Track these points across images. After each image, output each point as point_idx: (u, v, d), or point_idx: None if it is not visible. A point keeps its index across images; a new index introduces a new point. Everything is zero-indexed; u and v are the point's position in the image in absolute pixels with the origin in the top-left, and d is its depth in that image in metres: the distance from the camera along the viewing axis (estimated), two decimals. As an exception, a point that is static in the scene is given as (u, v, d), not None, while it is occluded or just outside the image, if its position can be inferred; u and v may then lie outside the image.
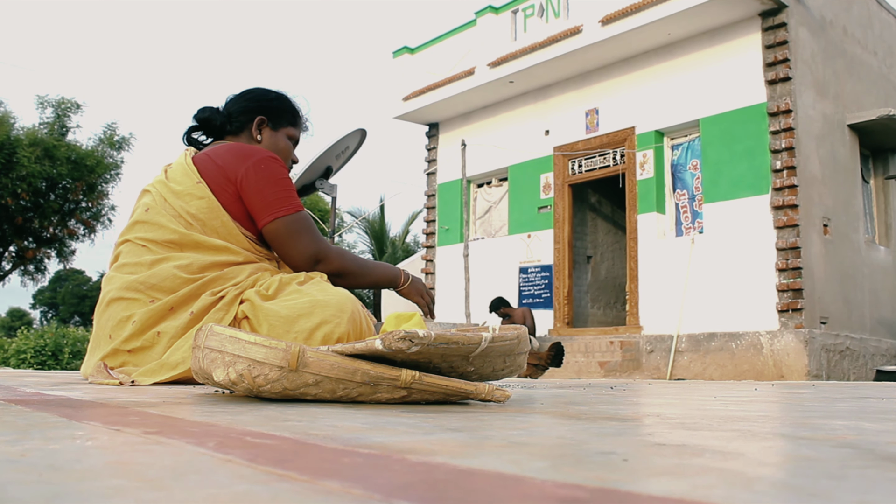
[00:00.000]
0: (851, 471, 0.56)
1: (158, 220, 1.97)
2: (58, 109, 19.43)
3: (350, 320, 1.79)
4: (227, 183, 1.98)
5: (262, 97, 2.23)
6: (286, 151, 2.23)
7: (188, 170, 2.01)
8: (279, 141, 2.21)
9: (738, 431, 0.88)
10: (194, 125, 2.22)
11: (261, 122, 2.19)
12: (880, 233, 10.05)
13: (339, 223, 18.24)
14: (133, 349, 1.86)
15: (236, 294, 1.87)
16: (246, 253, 1.99)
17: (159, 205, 2.00)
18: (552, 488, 0.46)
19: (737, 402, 1.65)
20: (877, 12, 10.35)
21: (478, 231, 11.76)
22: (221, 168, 1.99)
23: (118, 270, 1.98)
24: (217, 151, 2.04)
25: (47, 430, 0.76)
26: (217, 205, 1.97)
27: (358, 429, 0.81)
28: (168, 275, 1.88)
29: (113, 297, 1.92)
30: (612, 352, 8.91)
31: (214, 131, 2.21)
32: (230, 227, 1.97)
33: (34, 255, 20.33)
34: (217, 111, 2.21)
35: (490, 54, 10.66)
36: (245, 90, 2.28)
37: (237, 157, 2.00)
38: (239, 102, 2.22)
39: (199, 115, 2.20)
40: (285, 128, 2.24)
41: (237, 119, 2.19)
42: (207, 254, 1.94)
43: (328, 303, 1.80)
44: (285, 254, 2.01)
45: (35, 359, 13.17)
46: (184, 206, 1.97)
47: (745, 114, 8.52)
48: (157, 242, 1.96)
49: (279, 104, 2.24)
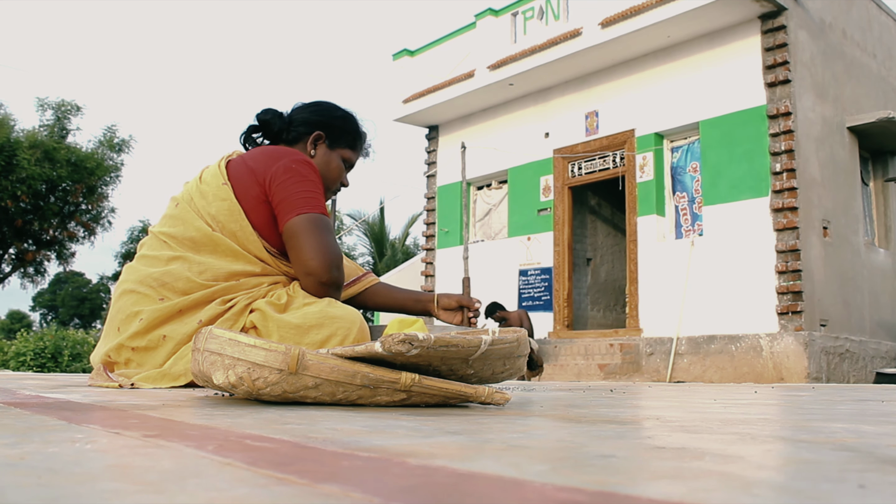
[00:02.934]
0: (851, 474, 0.56)
1: (183, 216, 1.97)
2: (58, 112, 19.45)
3: (360, 331, 1.80)
4: (254, 184, 1.94)
5: (327, 112, 2.18)
6: (336, 171, 2.16)
7: (217, 172, 1.99)
8: (332, 160, 2.15)
9: (738, 434, 0.88)
10: (254, 125, 2.17)
11: (318, 137, 2.13)
12: (880, 235, 10.05)
13: (338, 226, 18.24)
14: (137, 347, 1.86)
15: (246, 304, 1.86)
16: (263, 265, 1.94)
17: (186, 202, 2.00)
18: (552, 492, 0.46)
19: (736, 405, 1.65)
20: (876, 15, 10.37)
21: (478, 233, 11.77)
22: (252, 170, 1.95)
23: (137, 262, 2.00)
24: (252, 154, 2.02)
25: (46, 433, 0.76)
26: (238, 208, 1.93)
27: (357, 432, 0.81)
28: (181, 276, 1.87)
29: (126, 289, 1.93)
30: (611, 354, 8.91)
31: (271, 136, 2.16)
32: (248, 233, 1.93)
33: (34, 258, 20.34)
34: (279, 116, 2.16)
35: (490, 57, 10.67)
36: (314, 101, 2.23)
37: (269, 158, 1.96)
38: (303, 112, 2.17)
39: (260, 115, 2.16)
40: (342, 149, 2.17)
41: (296, 128, 2.14)
42: (223, 259, 1.91)
43: (338, 315, 1.80)
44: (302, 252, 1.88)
45: (34, 361, 13.16)
46: (206, 206, 1.95)
47: (744, 116, 8.53)
48: (177, 239, 1.95)
49: (342, 123, 2.18)
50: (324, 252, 1.88)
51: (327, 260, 1.88)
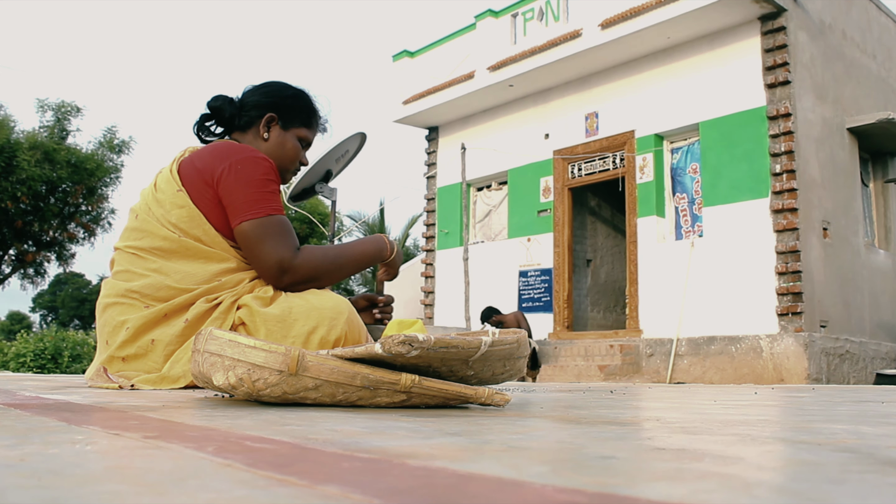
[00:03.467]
0: (851, 475, 0.56)
1: (146, 227, 1.93)
2: (58, 113, 19.45)
3: (346, 322, 1.79)
4: (206, 187, 1.89)
5: (278, 92, 2.11)
6: (292, 152, 2.10)
7: (171, 177, 1.94)
8: (287, 141, 2.09)
9: (738, 436, 0.88)
10: (206, 113, 2.11)
11: (270, 120, 2.07)
12: (880, 236, 10.05)
13: (338, 227, 18.24)
14: (127, 356, 1.84)
15: (233, 301, 1.85)
16: (237, 261, 1.92)
17: (145, 213, 1.95)
18: (552, 493, 0.46)
19: (736, 406, 1.65)
20: (876, 16, 10.37)
21: (477, 235, 11.77)
22: (200, 171, 1.90)
23: (114, 277, 1.97)
24: (200, 154, 1.96)
25: (47, 434, 0.76)
26: (197, 213, 1.89)
27: (357, 433, 0.81)
28: (162, 286, 1.85)
29: (109, 302, 1.91)
30: (611, 355, 8.91)
31: (224, 122, 2.11)
32: (213, 236, 1.90)
33: (34, 259, 20.33)
34: (230, 101, 2.10)
35: (490, 58, 10.67)
36: (263, 83, 2.16)
37: (215, 158, 1.91)
38: (253, 95, 2.11)
39: (211, 102, 2.10)
40: (297, 128, 2.12)
41: (248, 113, 2.08)
42: (198, 262, 1.89)
43: (324, 306, 1.79)
44: (253, 261, 1.89)
45: (34, 362, 13.16)
46: (165, 214, 1.90)
47: (744, 117, 8.53)
48: (146, 250, 1.91)
49: (294, 102, 2.12)
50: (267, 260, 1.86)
51: (273, 266, 1.86)
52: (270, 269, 1.87)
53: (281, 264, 1.86)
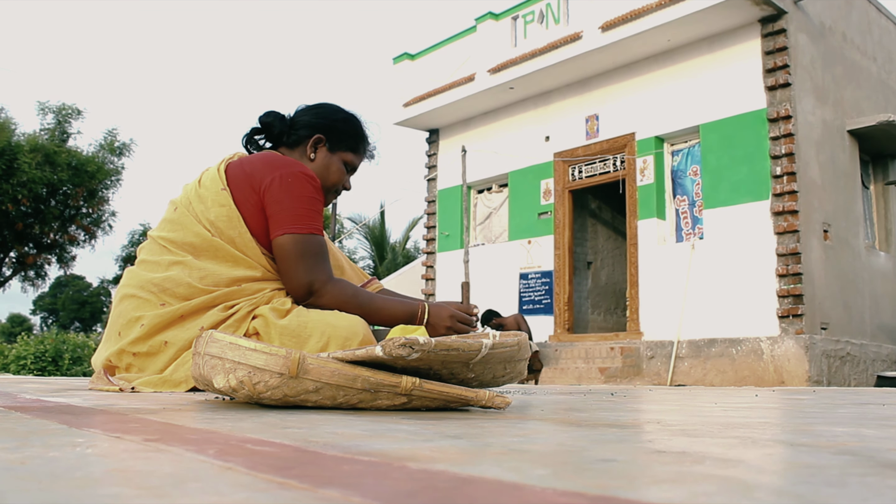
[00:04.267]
0: (852, 478, 0.56)
1: (182, 220, 1.95)
2: (58, 115, 19.49)
3: (361, 343, 1.79)
4: (252, 192, 1.92)
5: (329, 115, 2.14)
6: (336, 175, 2.12)
7: (217, 176, 1.97)
8: (332, 164, 2.11)
9: (739, 438, 0.88)
10: (257, 127, 2.15)
11: (318, 141, 2.09)
12: (880, 238, 10.05)
13: (339, 229, 18.25)
14: (138, 353, 1.85)
15: (249, 310, 1.85)
16: (264, 269, 1.93)
17: (185, 207, 1.97)
18: (553, 496, 0.46)
19: (737, 409, 1.65)
20: (876, 18, 10.38)
21: (478, 237, 11.77)
22: (249, 176, 1.93)
23: (138, 266, 1.98)
24: (251, 159, 1.99)
25: (47, 437, 0.76)
26: (237, 215, 1.91)
27: (358, 436, 0.81)
28: (182, 282, 1.86)
29: (127, 294, 1.92)
30: (612, 358, 8.90)
31: (273, 138, 2.13)
32: (247, 240, 1.91)
33: (34, 261, 20.35)
34: (281, 118, 2.13)
35: (490, 60, 10.68)
36: (318, 104, 2.19)
37: (266, 166, 1.93)
38: (305, 115, 2.13)
39: (262, 117, 2.13)
40: (343, 152, 2.13)
41: (297, 132, 2.10)
42: (224, 264, 1.90)
43: (339, 325, 1.80)
44: (284, 274, 1.92)
45: (35, 365, 13.16)
46: (205, 211, 1.93)
47: (744, 120, 8.54)
48: (177, 244, 1.93)
49: (343, 126, 2.14)
50: (299, 278, 1.89)
51: (303, 286, 1.89)
52: (300, 288, 1.90)
53: (311, 286, 1.90)
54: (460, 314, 2.02)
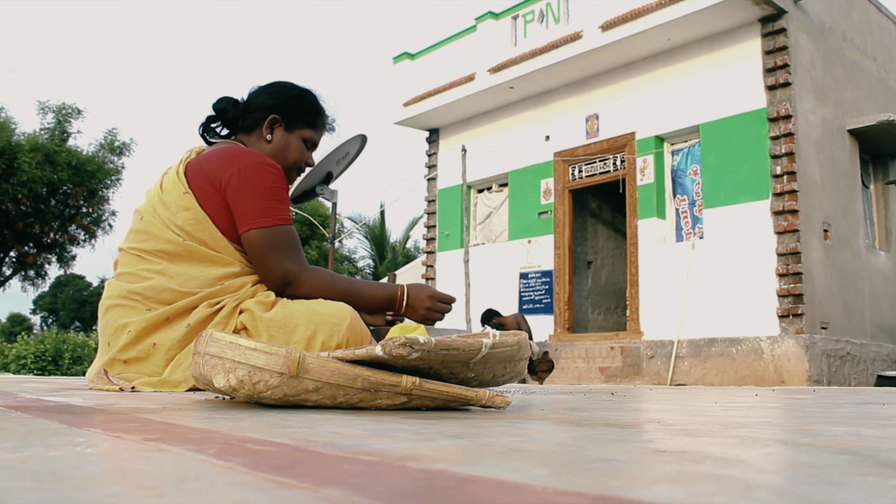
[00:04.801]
0: (852, 478, 0.56)
1: (150, 229, 1.92)
2: (59, 115, 19.48)
3: (349, 328, 1.78)
4: (213, 191, 1.89)
5: (281, 93, 2.09)
6: (296, 153, 2.09)
7: (177, 179, 1.93)
8: (291, 143, 2.08)
9: (739, 438, 0.88)
10: (212, 115, 2.11)
11: (273, 122, 2.06)
12: (880, 238, 10.05)
13: (339, 229, 18.24)
14: (128, 359, 1.84)
15: (234, 305, 1.85)
16: (241, 265, 1.92)
17: (150, 214, 1.94)
18: (553, 496, 0.46)
19: (737, 408, 1.65)
20: (876, 18, 10.37)
21: (478, 236, 11.77)
22: (207, 174, 1.90)
23: (117, 279, 1.96)
24: (207, 157, 1.96)
25: (47, 436, 0.76)
26: (204, 216, 1.89)
27: (358, 435, 0.81)
28: (164, 289, 1.85)
29: (111, 304, 1.91)
30: (612, 357, 8.90)
31: (228, 124, 2.10)
32: (218, 239, 1.90)
33: (34, 261, 20.35)
34: (234, 103, 2.09)
35: (490, 60, 10.68)
36: (268, 83, 2.14)
37: (223, 162, 1.90)
38: (258, 96, 2.09)
39: (216, 104, 2.10)
40: (301, 129, 2.10)
41: (252, 115, 2.07)
42: (201, 266, 1.89)
43: (326, 312, 1.79)
44: (258, 268, 1.91)
45: (35, 364, 13.16)
46: (171, 217, 1.90)
47: (744, 119, 8.54)
48: (150, 252, 1.91)
49: (298, 103, 2.10)
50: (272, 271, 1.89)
51: (277, 278, 1.90)
52: (275, 280, 1.90)
53: (286, 276, 1.89)
54: (439, 294, 2.04)
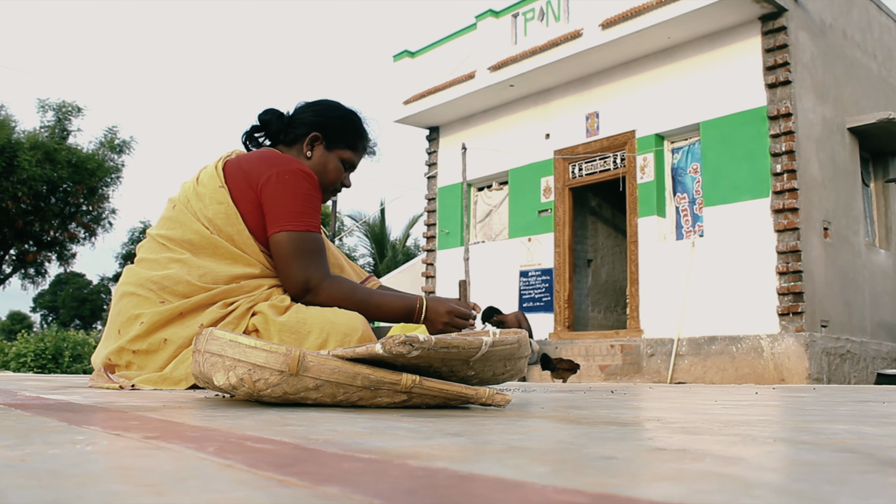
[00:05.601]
0: (852, 476, 0.56)
1: (181, 218, 1.96)
2: (59, 113, 19.48)
3: (360, 339, 1.79)
4: (249, 189, 1.92)
5: (326, 112, 2.13)
6: (334, 173, 2.11)
7: (214, 173, 1.97)
8: (329, 162, 2.10)
9: (739, 436, 0.88)
10: (256, 125, 2.15)
11: (314, 139, 2.09)
12: (881, 236, 10.05)
13: (339, 227, 18.24)
14: (138, 350, 1.85)
15: (248, 307, 1.86)
16: (262, 266, 1.93)
17: (183, 205, 1.98)
18: (552, 493, 0.46)
19: (737, 406, 1.65)
20: (876, 16, 10.37)
21: (478, 235, 11.77)
22: (246, 173, 1.94)
23: (137, 265, 1.99)
24: (248, 157, 2.00)
25: (47, 434, 0.76)
26: (235, 212, 1.91)
27: (358, 433, 0.81)
28: (181, 280, 1.86)
29: (126, 291, 1.92)
30: (612, 355, 8.90)
31: (271, 136, 2.14)
32: (245, 237, 1.92)
33: (34, 259, 20.36)
34: (279, 116, 2.12)
35: (490, 58, 10.67)
36: (317, 101, 2.18)
37: (264, 164, 1.94)
38: (303, 112, 2.13)
39: (261, 115, 2.14)
40: (340, 149, 2.12)
41: (295, 129, 2.10)
42: (223, 262, 1.90)
43: (338, 321, 1.80)
44: (280, 271, 1.93)
45: (35, 362, 13.17)
46: (203, 209, 1.93)
47: (745, 117, 8.53)
48: (175, 241, 1.93)
49: (340, 123, 2.13)
50: (295, 276, 1.89)
51: (299, 283, 1.90)
52: (296, 285, 1.90)
53: (307, 283, 1.90)
54: (458, 310, 2.01)
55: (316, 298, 1.91)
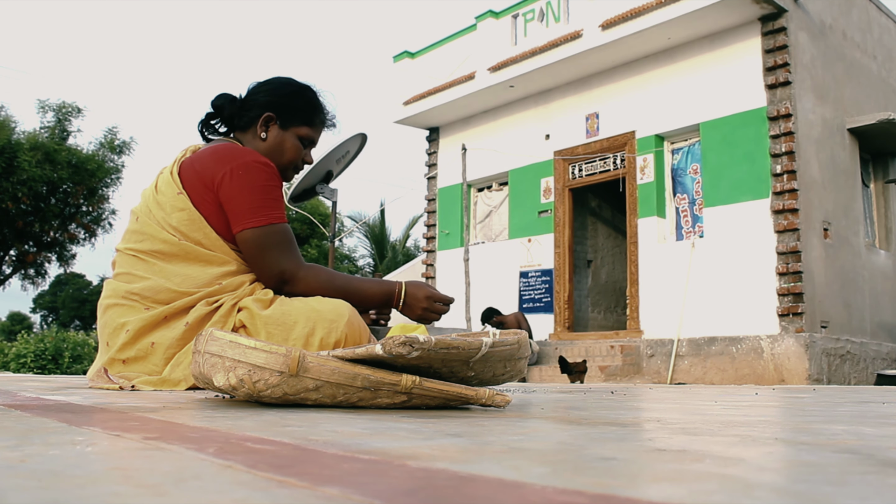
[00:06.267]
0: (852, 476, 0.56)
1: (146, 230, 1.92)
2: (59, 113, 19.47)
3: (347, 325, 1.78)
4: (206, 191, 1.88)
5: (277, 90, 2.06)
6: (292, 152, 2.06)
7: (171, 180, 1.93)
8: (285, 140, 2.04)
9: (739, 436, 0.88)
10: (211, 112, 2.09)
11: (268, 119, 2.03)
12: (880, 237, 10.05)
13: (339, 227, 18.24)
14: (127, 359, 1.84)
15: (233, 304, 1.85)
16: (238, 263, 1.91)
17: (146, 215, 1.94)
18: (553, 494, 0.46)
19: (737, 407, 1.65)
20: (876, 17, 10.37)
21: (478, 235, 11.77)
22: (200, 175, 1.89)
23: (115, 279, 1.97)
24: (200, 156, 1.95)
25: (47, 435, 0.76)
26: (198, 217, 1.88)
27: (358, 434, 0.81)
28: (162, 289, 1.85)
29: (110, 304, 1.91)
30: (612, 356, 8.90)
31: (225, 121, 2.08)
32: (213, 239, 1.89)
33: (34, 259, 20.36)
34: (231, 100, 2.07)
35: (490, 59, 10.67)
36: (267, 80, 2.11)
37: (215, 162, 1.89)
38: (255, 94, 2.07)
39: (214, 101, 2.09)
40: (297, 127, 2.06)
41: (248, 112, 2.05)
42: (198, 266, 1.88)
43: (323, 309, 1.79)
44: (254, 268, 1.91)
45: (35, 363, 13.16)
46: (166, 217, 1.90)
47: (745, 118, 8.53)
48: (146, 252, 1.90)
49: (293, 101, 2.06)
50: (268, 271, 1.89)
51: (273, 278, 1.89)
52: (271, 279, 1.90)
53: (283, 275, 1.89)
54: (437, 294, 2.01)
55: (294, 288, 1.89)
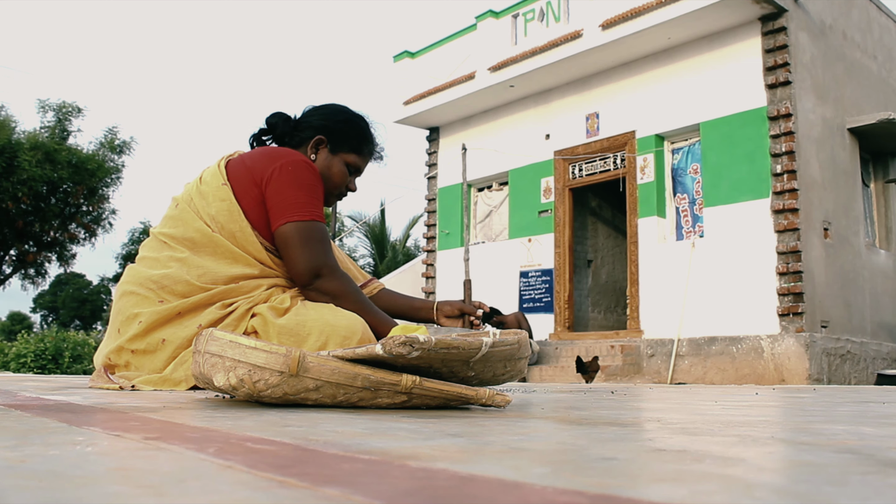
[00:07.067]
0: (853, 477, 0.56)
1: (183, 217, 1.97)
2: (59, 113, 19.47)
3: (360, 341, 1.79)
4: (253, 185, 1.93)
5: (331, 116, 2.14)
6: (338, 177, 2.11)
7: (217, 172, 1.99)
8: (333, 165, 2.10)
9: (739, 437, 0.88)
10: (264, 128, 2.17)
11: (318, 142, 2.09)
12: (881, 236, 10.05)
13: (339, 227, 18.24)
14: (136, 350, 1.86)
15: (247, 308, 1.86)
16: (262, 267, 1.94)
17: (186, 203, 1.99)
18: (553, 494, 0.46)
19: (738, 407, 1.65)
20: (876, 16, 10.37)
21: (478, 235, 11.77)
22: (250, 170, 1.95)
23: (138, 263, 2.00)
24: (251, 154, 2.01)
25: (47, 435, 0.76)
26: (237, 209, 1.92)
27: (358, 434, 0.81)
28: (180, 279, 1.87)
29: (126, 290, 1.93)
30: (612, 356, 8.90)
31: (277, 139, 2.15)
32: (248, 234, 1.92)
33: (35, 259, 20.36)
34: (285, 119, 2.14)
35: (491, 58, 10.67)
36: (324, 105, 2.20)
37: (267, 159, 1.95)
38: (309, 116, 2.15)
39: (269, 118, 2.16)
40: (346, 153, 2.12)
41: (301, 133, 2.12)
42: (222, 262, 1.91)
43: (338, 323, 1.80)
44: (289, 260, 1.92)
45: (35, 363, 13.15)
46: (206, 206, 1.94)
47: (745, 118, 8.53)
48: (177, 239, 1.94)
49: (345, 127, 2.13)
50: (306, 262, 1.89)
51: (309, 270, 1.90)
52: (305, 272, 1.90)
53: (318, 270, 1.90)
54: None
55: (324, 284, 1.90)
